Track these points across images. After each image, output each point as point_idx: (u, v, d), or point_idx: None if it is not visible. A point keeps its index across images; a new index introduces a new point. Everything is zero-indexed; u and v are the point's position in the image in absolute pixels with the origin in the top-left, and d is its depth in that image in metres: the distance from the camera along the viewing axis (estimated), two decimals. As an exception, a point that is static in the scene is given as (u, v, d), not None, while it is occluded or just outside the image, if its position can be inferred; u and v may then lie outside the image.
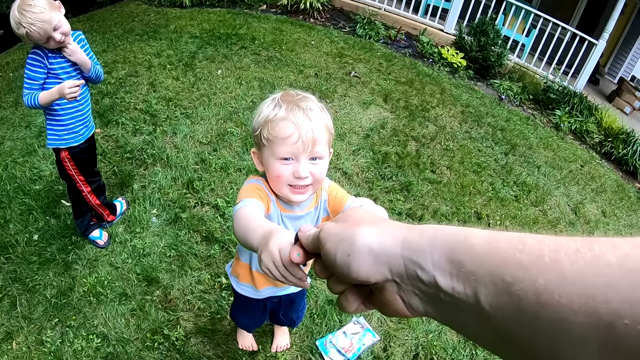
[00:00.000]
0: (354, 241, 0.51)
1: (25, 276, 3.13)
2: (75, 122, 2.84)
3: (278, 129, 1.46)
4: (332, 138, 1.59)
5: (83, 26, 8.08)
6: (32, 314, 2.91)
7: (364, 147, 4.77)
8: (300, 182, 1.52)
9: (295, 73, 6.04)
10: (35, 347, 2.74)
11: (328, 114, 1.57)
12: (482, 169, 5.00)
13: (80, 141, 2.91)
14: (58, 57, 2.62)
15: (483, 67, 7.61)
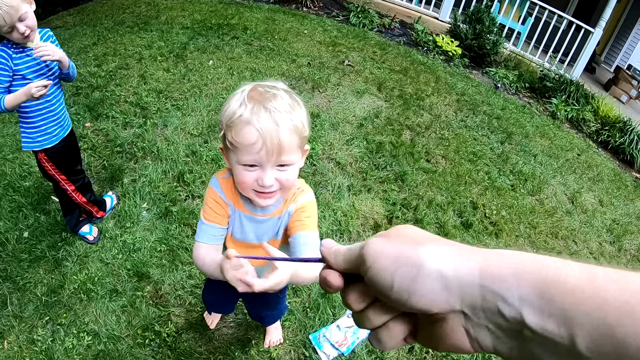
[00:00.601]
0: (422, 263, 0.43)
1: (15, 274, 3.09)
2: (48, 123, 2.75)
3: (241, 135, 1.32)
4: (306, 138, 1.44)
5: (73, 19, 8.02)
6: (23, 313, 2.87)
7: (358, 137, 4.69)
8: (265, 190, 1.42)
9: (287, 62, 5.95)
10: (26, 346, 2.70)
11: (303, 109, 1.41)
12: (477, 158, 4.94)
13: (55, 142, 2.82)
14: (24, 56, 2.51)
15: (478, 55, 7.54)
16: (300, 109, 1.38)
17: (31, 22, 2.42)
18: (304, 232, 1.54)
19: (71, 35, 7.09)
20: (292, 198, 1.58)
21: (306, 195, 1.59)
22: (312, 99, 5.22)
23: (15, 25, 2.36)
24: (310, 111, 4.77)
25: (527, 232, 4.21)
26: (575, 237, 4.38)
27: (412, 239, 0.47)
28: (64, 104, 2.88)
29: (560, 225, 4.44)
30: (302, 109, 1.40)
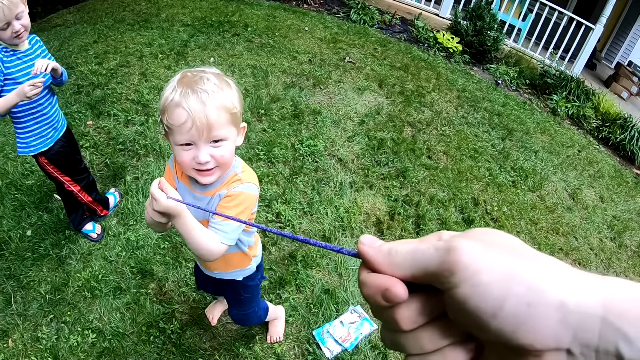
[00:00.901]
0: (543, 287, 0.33)
1: (19, 273, 3.11)
2: (41, 126, 2.74)
3: (173, 116, 1.43)
4: (238, 115, 1.54)
5: (73, 17, 8.02)
6: (27, 311, 2.89)
7: (359, 133, 4.70)
8: (203, 167, 1.51)
9: (288, 59, 5.96)
10: (31, 344, 2.72)
11: (233, 89, 1.52)
12: (478, 154, 4.95)
13: (50, 144, 2.81)
14: (15, 59, 2.51)
15: (479, 52, 7.55)
16: (229, 89, 1.50)
17: (26, 21, 2.44)
18: (217, 219, 1.62)
19: (71, 34, 7.09)
20: (227, 183, 1.65)
21: (241, 186, 1.64)
22: (313, 96, 5.22)
23: (12, 22, 2.37)
24: (311, 109, 4.79)
25: (528, 228, 4.23)
26: (575, 233, 4.39)
27: (515, 250, 0.37)
28: (57, 105, 2.87)
29: (561, 222, 4.45)
30: (232, 90, 1.52)
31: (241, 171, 1.67)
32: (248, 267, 2.03)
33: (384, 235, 3.61)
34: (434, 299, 0.39)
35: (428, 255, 0.38)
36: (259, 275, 2.16)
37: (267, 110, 4.77)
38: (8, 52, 2.48)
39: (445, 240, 0.38)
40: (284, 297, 2.99)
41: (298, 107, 4.89)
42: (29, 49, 2.59)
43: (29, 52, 2.58)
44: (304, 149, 4.28)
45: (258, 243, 2.10)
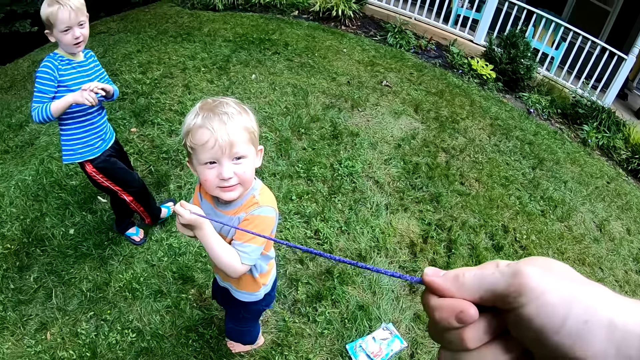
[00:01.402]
0: (596, 307, 0.39)
1: (61, 269, 3.27)
2: (88, 135, 2.83)
3: (197, 136, 1.58)
4: (256, 136, 1.69)
5: (117, 26, 8.28)
6: (67, 306, 3.04)
7: (395, 157, 4.87)
8: (226, 184, 1.64)
9: (327, 80, 6.15)
10: (69, 338, 2.86)
11: (250, 115, 1.68)
12: (510, 182, 5.08)
13: (96, 154, 2.90)
14: (70, 68, 2.65)
15: (512, 80, 7.65)
16: (247, 114, 1.67)
17: (86, 32, 2.61)
18: (238, 241, 1.78)
19: (115, 42, 7.35)
20: (246, 207, 1.78)
21: (258, 209, 1.77)
22: (351, 117, 5.40)
23: (74, 28, 2.54)
24: (349, 130, 4.96)
25: (555, 258, 4.28)
26: (601, 265, 4.47)
27: (570, 275, 0.43)
28: (106, 118, 2.98)
29: (588, 252, 4.54)
30: (250, 115, 1.69)
31: (259, 194, 1.80)
32: (255, 293, 2.14)
33: (417, 257, 3.75)
34: (495, 318, 0.44)
35: (494, 279, 0.44)
36: (264, 302, 2.26)
37: (307, 130, 4.96)
38: (64, 61, 2.63)
39: (509, 265, 0.44)
40: (319, 311, 3.13)
41: (337, 128, 5.07)
42: (84, 61, 2.74)
43: (83, 63, 2.73)
44: (342, 169, 4.46)
45: (271, 273, 2.20)
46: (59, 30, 2.52)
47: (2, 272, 3.30)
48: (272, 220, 1.82)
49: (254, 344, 2.80)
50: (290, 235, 3.67)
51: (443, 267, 3.61)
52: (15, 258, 3.41)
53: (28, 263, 3.36)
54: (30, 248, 3.47)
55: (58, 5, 2.45)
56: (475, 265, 0.46)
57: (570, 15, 10.91)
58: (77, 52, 2.66)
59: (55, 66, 2.58)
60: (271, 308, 2.92)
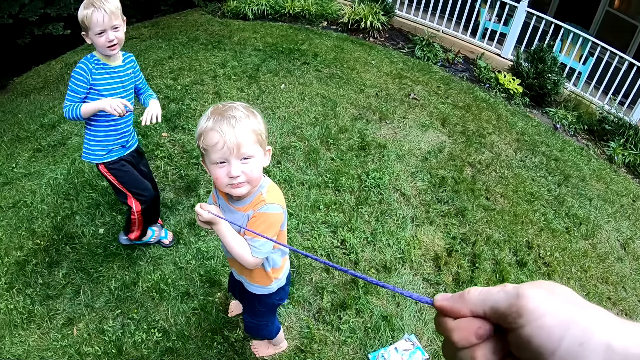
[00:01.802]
0: (593, 330, 0.41)
1: (89, 267, 3.38)
2: (110, 139, 2.90)
3: (208, 139, 1.74)
4: (263, 138, 1.83)
5: (149, 32, 8.47)
6: (94, 303, 3.15)
7: (422, 170, 4.93)
8: (235, 181, 1.78)
9: (356, 92, 6.24)
10: (95, 334, 2.97)
11: (258, 117, 1.82)
12: (535, 198, 5.10)
13: (112, 158, 2.96)
14: (104, 73, 2.72)
15: (539, 95, 7.65)
16: (255, 117, 1.81)
17: (120, 35, 2.67)
18: (248, 236, 1.94)
19: (147, 47, 7.52)
20: (255, 205, 1.92)
21: (265, 207, 1.91)
22: (379, 129, 5.49)
23: (108, 31, 2.60)
24: (377, 142, 5.04)
25: (578, 275, 4.34)
26: (625, 284, 4.47)
27: (571, 299, 0.45)
28: (131, 126, 3.03)
29: (611, 271, 4.54)
30: (258, 118, 1.83)
31: (267, 191, 1.93)
32: (268, 287, 2.27)
33: (441, 270, 3.81)
34: (502, 340, 0.47)
35: (499, 297, 0.47)
36: (278, 296, 2.38)
37: (336, 140, 5.05)
38: (99, 65, 2.71)
39: (514, 287, 0.46)
40: (343, 319, 3.20)
41: (365, 140, 5.15)
42: (121, 66, 2.81)
43: (119, 69, 2.79)
44: (369, 181, 4.54)
45: (284, 267, 2.32)
46: (93, 32, 2.60)
47: (31, 266, 3.42)
48: (279, 217, 1.96)
49: (272, 339, 2.87)
50: (317, 244, 3.75)
51: (467, 282, 3.69)
52: (45, 254, 3.53)
53: (57, 259, 3.48)
54: (60, 245, 3.59)
55: (93, 8, 2.54)
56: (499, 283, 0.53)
57: (598, 29, 10.85)
58: (112, 55, 2.73)
59: (89, 69, 2.67)
60: (285, 302, 2.93)
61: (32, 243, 3.63)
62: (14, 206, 4.05)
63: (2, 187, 4.38)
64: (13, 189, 4.31)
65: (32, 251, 3.56)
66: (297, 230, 3.87)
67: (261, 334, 2.76)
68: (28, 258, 3.50)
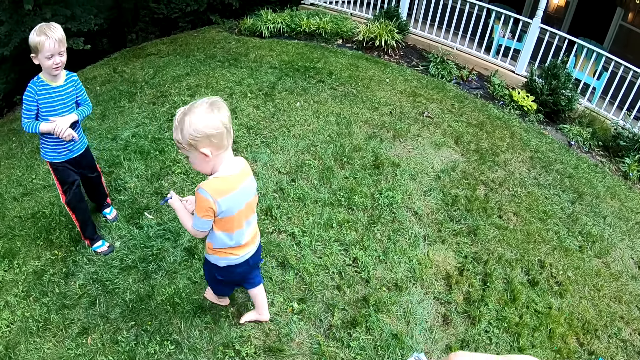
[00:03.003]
0: None
1: (105, 278, 3.49)
2: (57, 147, 3.43)
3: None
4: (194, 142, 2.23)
5: (167, 48, 8.65)
6: (109, 314, 3.24)
7: (435, 189, 4.99)
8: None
9: (370, 110, 6.32)
10: (109, 345, 3.06)
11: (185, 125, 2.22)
12: (548, 217, 5.12)
13: (60, 159, 3.49)
14: (45, 94, 3.25)
15: (553, 111, 7.66)
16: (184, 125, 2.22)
17: (64, 59, 3.23)
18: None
19: (165, 64, 7.69)
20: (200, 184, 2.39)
21: (199, 190, 2.35)
22: (393, 148, 5.56)
23: (55, 55, 3.13)
24: (390, 160, 5.11)
25: (591, 294, 4.33)
26: (638, 303, 4.44)
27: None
28: (80, 131, 3.57)
29: (625, 290, 4.52)
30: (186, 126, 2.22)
31: (213, 177, 2.39)
32: (209, 255, 2.71)
33: (452, 289, 3.85)
34: None
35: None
36: (218, 272, 2.77)
37: (349, 159, 5.14)
38: (42, 86, 3.25)
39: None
40: (353, 336, 3.25)
41: (378, 158, 5.23)
42: (61, 86, 3.34)
43: (59, 89, 3.32)
44: (382, 199, 4.61)
45: (234, 253, 2.68)
46: (43, 56, 3.12)
47: (48, 276, 3.55)
48: (204, 201, 2.36)
49: (217, 296, 3.29)
50: (329, 261, 3.81)
51: (477, 300, 3.73)
52: (62, 264, 3.67)
53: (74, 270, 3.60)
54: (77, 256, 3.71)
55: (45, 36, 3.06)
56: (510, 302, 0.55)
57: (611, 44, 10.82)
58: (56, 74, 3.27)
59: (35, 91, 3.22)
60: (233, 288, 3.29)
61: (49, 253, 3.77)
62: (33, 217, 4.20)
63: (22, 198, 4.53)
64: (32, 200, 4.46)
65: (50, 261, 3.70)
66: (310, 248, 3.93)
67: (210, 285, 3.17)
68: (45, 268, 3.64)
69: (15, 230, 4.06)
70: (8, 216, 4.29)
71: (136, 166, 4.79)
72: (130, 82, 7.09)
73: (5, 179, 4.96)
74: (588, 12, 10.37)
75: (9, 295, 3.44)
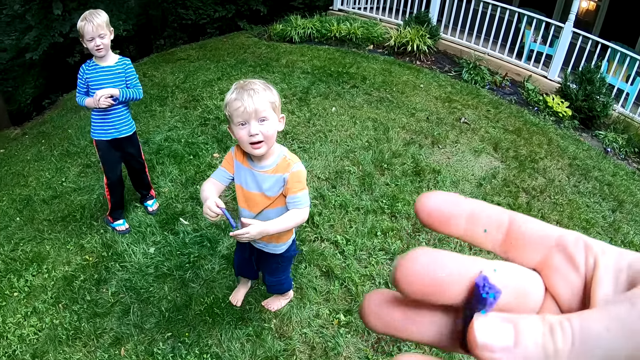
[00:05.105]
0: None
1: (140, 286, 3.39)
2: (103, 123, 3.64)
3: (232, 106, 2.20)
4: (278, 105, 2.27)
5: (197, 53, 8.69)
6: (144, 324, 3.12)
7: (477, 196, 4.91)
8: (254, 139, 2.21)
9: (407, 116, 6.29)
10: (144, 356, 2.93)
11: (273, 91, 2.26)
12: (590, 225, 5.04)
13: (104, 138, 3.69)
14: (93, 72, 3.51)
15: (588, 117, 7.56)
16: (270, 91, 2.25)
17: (106, 42, 3.44)
18: (291, 194, 2.34)
19: (196, 68, 7.73)
20: (283, 167, 2.35)
21: (295, 165, 2.35)
22: (432, 154, 5.52)
23: (95, 38, 3.36)
24: (431, 167, 5.07)
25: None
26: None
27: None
28: (125, 114, 3.74)
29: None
30: (273, 91, 2.27)
31: (289, 155, 2.39)
32: (288, 241, 2.71)
33: (500, 298, 3.80)
34: None
35: None
36: (293, 247, 2.82)
37: (389, 165, 5.11)
38: (91, 66, 3.52)
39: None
40: (403, 350, 3.14)
41: (419, 165, 5.19)
42: (111, 66, 3.55)
43: (107, 68, 3.53)
44: (425, 207, 4.55)
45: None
46: (86, 39, 3.39)
47: (79, 282, 3.48)
48: (305, 172, 2.39)
49: (290, 291, 3.28)
50: (375, 271, 3.75)
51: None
52: (93, 270, 3.60)
53: (106, 277, 3.53)
54: (109, 262, 3.64)
55: (85, 21, 3.33)
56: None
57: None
58: (102, 56, 3.48)
59: (84, 70, 3.52)
60: (298, 252, 3.33)
61: (80, 259, 3.71)
62: (63, 220, 4.18)
63: (52, 201, 4.53)
64: (62, 203, 4.45)
65: (80, 267, 3.63)
66: (355, 257, 3.84)
67: (284, 287, 3.12)
68: (76, 274, 3.57)
69: (44, 234, 4.04)
70: (37, 219, 4.27)
71: (170, 170, 4.79)
72: (161, 86, 7.13)
73: (35, 181, 4.97)
74: (619, 16, 10.25)
75: (37, 301, 3.37)
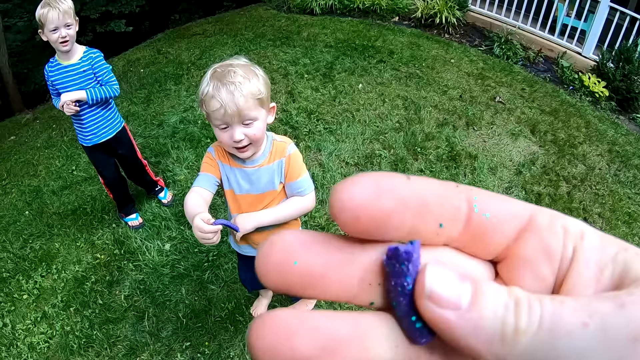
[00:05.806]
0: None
1: (154, 289, 3.15)
2: (81, 129, 3.29)
3: (209, 105, 1.80)
4: (266, 96, 1.86)
5: (213, 28, 8.32)
6: (160, 332, 2.89)
7: (516, 185, 4.66)
8: (239, 145, 1.84)
9: (439, 94, 5.95)
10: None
11: (259, 78, 1.83)
12: (633, 219, 4.73)
13: (87, 144, 3.34)
14: (57, 73, 3.05)
15: (625, 99, 7.17)
16: (256, 78, 1.82)
17: (72, 32, 2.97)
18: (292, 181, 2.01)
19: (212, 44, 7.40)
20: (278, 153, 2.01)
21: (289, 147, 2.02)
22: (467, 137, 5.21)
23: (60, 28, 2.89)
24: (467, 152, 4.76)
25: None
26: None
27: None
28: (101, 115, 3.27)
29: None
30: (259, 78, 1.84)
31: (279, 138, 2.05)
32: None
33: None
34: None
35: None
36: None
37: (423, 149, 4.81)
38: (53, 66, 3.05)
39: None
40: None
41: (454, 149, 4.90)
42: (75, 64, 3.07)
43: (70, 67, 3.06)
44: (463, 196, 4.28)
45: None
46: (48, 29, 2.90)
47: (90, 284, 3.26)
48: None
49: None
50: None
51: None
52: (105, 270, 3.36)
53: (119, 278, 3.30)
54: (122, 261, 3.41)
55: (49, 7, 2.85)
56: None
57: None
58: (66, 51, 3.00)
59: (47, 72, 3.06)
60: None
61: (91, 257, 3.49)
62: (73, 213, 3.95)
63: (61, 192, 4.28)
64: (72, 194, 4.21)
65: (91, 266, 3.41)
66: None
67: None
68: (87, 274, 3.35)
69: (53, 229, 3.81)
70: (46, 212, 4.04)
71: (186, 155, 4.52)
72: (176, 63, 6.80)
73: (44, 170, 4.73)
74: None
75: (47, 305, 3.17)
